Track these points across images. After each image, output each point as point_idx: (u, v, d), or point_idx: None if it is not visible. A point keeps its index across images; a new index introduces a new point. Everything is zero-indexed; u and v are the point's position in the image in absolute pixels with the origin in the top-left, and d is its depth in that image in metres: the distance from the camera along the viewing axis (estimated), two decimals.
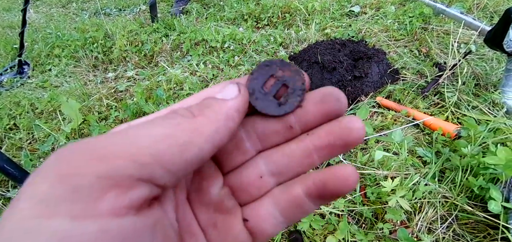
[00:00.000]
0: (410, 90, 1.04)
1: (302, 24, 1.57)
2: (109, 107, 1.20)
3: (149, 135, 0.13)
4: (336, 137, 0.17)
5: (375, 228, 0.69)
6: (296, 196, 0.17)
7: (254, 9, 1.73)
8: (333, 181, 0.16)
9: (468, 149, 0.74)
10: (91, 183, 0.10)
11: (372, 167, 0.80)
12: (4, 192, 0.94)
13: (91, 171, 0.11)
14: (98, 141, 0.12)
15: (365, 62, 1.14)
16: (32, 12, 2.41)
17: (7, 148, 1.10)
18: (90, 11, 2.33)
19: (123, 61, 1.51)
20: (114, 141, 0.12)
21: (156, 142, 0.12)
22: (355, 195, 0.75)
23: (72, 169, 0.11)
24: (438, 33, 1.30)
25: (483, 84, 1.00)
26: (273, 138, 0.18)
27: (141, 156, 0.12)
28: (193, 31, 1.58)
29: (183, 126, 0.14)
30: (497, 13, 1.36)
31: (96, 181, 0.10)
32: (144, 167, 0.12)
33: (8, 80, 1.53)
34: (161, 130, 0.13)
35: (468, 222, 0.69)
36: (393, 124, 0.94)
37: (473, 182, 0.69)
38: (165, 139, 0.13)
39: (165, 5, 2.18)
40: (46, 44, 1.71)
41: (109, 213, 0.10)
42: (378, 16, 1.51)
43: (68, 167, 0.11)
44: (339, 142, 0.17)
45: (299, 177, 0.18)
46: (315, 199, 0.17)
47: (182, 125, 0.14)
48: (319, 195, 0.17)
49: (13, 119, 1.22)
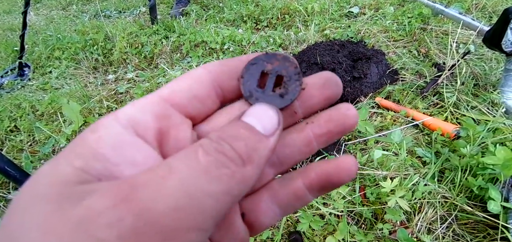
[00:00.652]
0: (409, 90, 1.04)
1: (301, 25, 1.57)
2: (109, 109, 1.20)
3: (210, 196, 0.11)
4: (335, 124, 0.17)
5: (375, 229, 0.70)
6: (297, 189, 0.17)
7: (253, 10, 1.74)
8: (337, 172, 0.16)
9: (467, 149, 0.74)
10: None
11: (372, 168, 0.80)
12: (6, 194, 0.94)
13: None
14: (158, 202, 0.10)
15: (364, 63, 1.14)
16: (32, 14, 2.42)
17: (8, 150, 1.10)
18: (90, 13, 2.34)
19: (123, 63, 1.52)
20: (179, 205, 0.10)
21: (217, 203, 0.11)
22: (355, 196, 0.75)
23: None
24: (437, 34, 1.31)
25: (482, 84, 1.01)
26: None
27: (205, 224, 0.11)
28: (193, 32, 1.58)
29: (237, 178, 0.12)
30: (495, 13, 1.36)
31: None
32: (207, 232, 0.12)
33: (9, 83, 1.53)
34: (221, 187, 0.12)
35: (468, 222, 0.69)
36: (392, 124, 0.94)
37: (473, 182, 0.70)
38: (224, 197, 0.12)
39: (165, 7, 2.19)
40: (47, 46, 1.72)
41: None
42: (377, 17, 1.52)
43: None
44: (337, 128, 0.17)
45: (299, 170, 0.18)
46: (316, 191, 0.17)
47: (236, 177, 0.12)
48: (321, 187, 0.17)
49: (14, 121, 1.23)
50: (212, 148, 0.12)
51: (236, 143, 0.13)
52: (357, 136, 0.93)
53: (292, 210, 0.18)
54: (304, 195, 0.17)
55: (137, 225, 0.09)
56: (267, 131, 0.14)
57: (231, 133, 0.13)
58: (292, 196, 0.17)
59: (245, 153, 0.13)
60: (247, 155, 0.13)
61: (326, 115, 0.18)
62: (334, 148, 0.92)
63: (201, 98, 0.16)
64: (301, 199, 0.17)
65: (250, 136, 0.13)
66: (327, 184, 0.17)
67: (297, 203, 0.17)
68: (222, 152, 0.12)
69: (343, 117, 0.17)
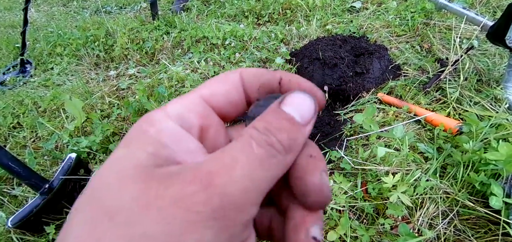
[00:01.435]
0: (411, 86, 1.04)
1: (303, 20, 1.56)
2: (111, 105, 1.21)
3: (265, 180, 0.14)
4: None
5: (376, 224, 0.70)
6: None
7: (254, 5, 1.73)
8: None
9: (470, 144, 0.74)
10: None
11: (374, 163, 0.80)
12: (10, 189, 0.95)
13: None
14: (235, 194, 0.13)
15: (367, 58, 1.13)
16: (33, 11, 2.42)
17: (11, 146, 1.11)
18: (91, 9, 2.33)
19: (125, 59, 1.52)
20: (246, 193, 0.13)
21: (268, 184, 0.14)
22: (357, 191, 0.75)
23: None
24: (440, 29, 1.29)
25: (485, 80, 1.00)
26: None
27: (259, 199, 0.14)
28: (194, 28, 1.58)
29: (282, 165, 0.14)
30: (499, 7, 1.35)
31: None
32: (258, 206, 0.14)
33: (11, 79, 1.54)
34: (271, 173, 0.14)
35: (470, 217, 0.69)
36: (394, 120, 0.94)
37: (475, 178, 0.69)
38: (272, 180, 0.14)
39: (166, 2, 2.18)
40: (48, 43, 1.72)
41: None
42: (380, 12, 1.50)
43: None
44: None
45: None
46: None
47: (281, 165, 0.14)
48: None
49: (17, 118, 1.23)
50: (263, 140, 0.14)
51: (280, 135, 0.14)
52: (359, 131, 0.92)
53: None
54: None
55: (221, 203, 0.12)
56: (304, 120, 0.15)
57: (276, 125, 0.15)
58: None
59: (287, 144, 0.14)
60: (288, 146, 0.14)
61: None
62: (336, 143, 0.92)
63: (235, 104, 0.18)
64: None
65: (291, 128, 0.15)
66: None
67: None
68: (270, 144, 0.14)
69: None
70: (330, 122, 1.03)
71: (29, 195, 0.92)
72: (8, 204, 0.91)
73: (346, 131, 0.95)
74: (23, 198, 0.93)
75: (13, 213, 0.81)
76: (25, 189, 0.94)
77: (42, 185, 0.78)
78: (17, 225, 0.75)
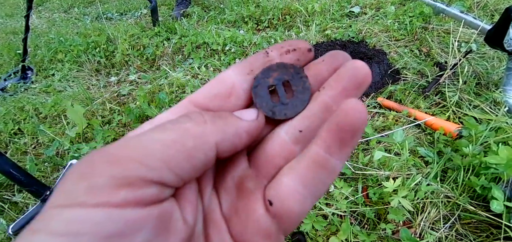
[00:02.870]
0: (411, 90, 1.04)
1: (302, 25, 1.57)
2: (112, 111, 1.21)
3: (159, 140, 0.14)
4: (347, 79, 0.17)
5: (378, 229, 0.70)
6: (315, 156, 0.15)
7: (254, 11, 1.74)
8: (345, 116, 0.15)
9: (470, 148, 0.74)
10: (106, 182, 0.12)
11: (374, 168, 0.80)
12: (10, 196, 0.95)
13: (106, 172, 0.13)
14: (114, 146, 0.14)
15: (366, 63, 1.14)
16: (34, 17, 2.44)
17: (12, 152, 1.11)
18: (91, 15, 2.35)
19: (125, 65, 1.53)
20: (129, 145, 0.14)
21: (165, 147, 0.14)
22: (358, 196, 0.75)
23: (91, 170, 0.13)
24: (439, 33, 1.30)
25: (484, 83, 1.01)
26: None
27: (151, 160, 0.13)
28: (194, 34, 1.59)
29: (192, 132, 0.14)
30: (497, 11, 1.36)
31: (111, 180, 0.12)
32: (154, 170, 0.13)
33: (12, 86, 1.55)
34: (171, 135, 0.14)
35: (471, 221, 0.69)
36: (394, 124, 0.94)
37: (475, 182, 0.70)
38: (173, 144, 0.14)
39: (166, 8, 2.20)
40: (49, 49, 1.73)
41: (117, 205, 0.12)
42: (378, 17, 1.52)
43: (88, 168, 0.13)
44: (350, 83, 0.17)
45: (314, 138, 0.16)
46: (337, 149, 0.15)
47: (191, 130, 0.14)
48: (340, 141, 0.15)
49: (18, 124, 1.24)
50: (187, 115, 0.16)
51: (206, 114, 0.16)
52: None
53: (320, 185, 0.16)
54: (325, 159, 0.15)
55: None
56: (243, 116, 0.16)
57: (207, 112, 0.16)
58: (312, 165, 0.15)
59: (209, 117, 0.15)
60: (211, 119, 0.15)
61: (335, 75, 0.17)
62: None
63: (222, 97, 0.18)
64: (324, 166, 0.15)
65: (224, 112, 0.16)
66: (344, 134, 0.15)
67: (320, 173, 0.15)
68: (186, 114, 0.16)
69: (353, 71, 0.17)
70: None
71: (30, 202, 0.92)
72: (8, 211, 0.90)
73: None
74: (24, 205, 0.93)
75: (13, 220, 0.81)
76: (26, 196, 0.94)
77: (43, 192, 0.78)
78: (18, 232, 0.75)
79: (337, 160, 0.15)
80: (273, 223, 0.16)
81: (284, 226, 0.16)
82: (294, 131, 0.17)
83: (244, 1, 1.94)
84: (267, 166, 0.17)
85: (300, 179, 0.16)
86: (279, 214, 0.16)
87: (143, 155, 0.13)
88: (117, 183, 0.12)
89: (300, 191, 0.16)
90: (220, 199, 0.17)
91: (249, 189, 0.17)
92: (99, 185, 0.12)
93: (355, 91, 0.17)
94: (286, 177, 0.16)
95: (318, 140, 0.16)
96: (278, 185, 0.16)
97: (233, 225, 0.16)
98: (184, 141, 0.14)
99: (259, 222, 0.16)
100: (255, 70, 0.18)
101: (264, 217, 0.16)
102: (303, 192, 0.16)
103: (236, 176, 0.17)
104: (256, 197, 0.16)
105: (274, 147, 0.17)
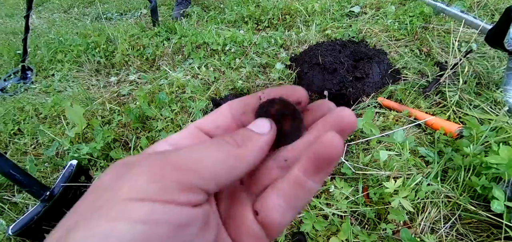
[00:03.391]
0: (411, 90, 1.04)
1: (302, 25, 1.57)
2: (112, 112, 1.21)
3: (209, 157, 0.17)
4: (332, 125, 0.20)
5: (378, 229, 0.70)
6: (295, 178, 0.19)
7: (254, 11, 1.74)
8: (322, 147, 0.18)
9: (471, 148, 0.74)
10: (174, 186, 0.16)
11: (375, 168, 0.80)
12: (10, 196, 0.95)
13: (174, 178, 0.16)
14: (173, 156, 0.17)
15: (366, 63, 1.14)
16: (34, 18, 2.43)
17: (12, 153, 1.11)
18: (91, 16, 2.35)
19: (125, 65, 1.53)
20: (186, 157, 0.17)
21: (214, 164, 0.17)
22: (358, 196, 0.75)
23: (161, 174, 0.16)
24: (439, 32, 1.30)
25: (485, 83, 1.00)
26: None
27: (205, 173, 0.17)
28: (194, 34, 1.59)
29: (232, 154, 0.18)
30: (497, 10, 1.36)
31: (177, 185, 0.16)
32: (205, 180, 0.17)
33: (12, 86, 1.55)
34: (217, 155, 0.18)
35: (471, 221, 0.69)
36: (395, 124, 0.94)
37: (476, 182, 0.69)
38: (220, 163, 0.17)
39: (166, 8, 2.20)
40: (49, 49, 1.73)
41: (182, 203, 0.16)
42: (379, 16, 1.51)
43: (158, 172, 0.16)
44: (335, 128, 0.19)
45: (297, 162, 0.20)
46: (314, 174, 0.18)
47: (231, 153, 0.18)
48: (316, 168, 0.18)
49: (18, 124, 1.24)
50: (222, 138, 0.19)
51: (235, 135, 0.19)
52: (360, 136, 0.93)
53: (299, 202, 0.19)
54: (303, 181, 0.19)
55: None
56: (259, 130, 0.20)
57: (234, 133, 0.20)
58: (293, 185, 0.19)
59: (240, 140, 0.19)
60: (242, 142, 0.19)
61: (322, 120, 0.20)
62: None
63: (224, 128, 0.22)
64: (302, 186, 0.19)
65: (248, 132, 0.20)
66: (320, 162, 0.18)
67: (299, 192, 0.19)
68: (223, 139, 0.19)
69: (339, 119, 0.20)
70: None
71: (30, 202, 0.92)
72: (8, 211, 0.90)
73: (347, 136, 0.95)
74: (24, 205, 0.92)
75: (13, 221, 0.81)
76: (26, 196, 0.94)
77: (43, 192, 0.78)
78: (18, 232, 0.75)
79: (314, 182, 0.19)
80: (261, 229, 0.19)
81: (268, 233, 0.19)
82: (280, 160, 0.21)
83: (244, 1, 1.94)
84: (255, 185, 0.21)
85: (282, 196, 0.19)
86: (265, 223, 0.19)
87: (200, 168, 0.17)
88: (182, 187, 0.16)
89: (282, 205, 0.19)
90: (218, 205, 0.21)
91: (241, 198, 0.20)
92: (169, 187, 0.15)
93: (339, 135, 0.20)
94: (271, 193, 0.20)
95: (299, 164, 0.19)
96: (264, 199, 0.20)
97: (229, 228, 0.20)
98: (228, 161, 0.18)
99: (250, 227, 0.19)
100: (247, 113, 0.22)
101: (254, 223, 0.19)
102: (284, 206, 0.19)
103: (230, 186, 0.21)
104: (247, 206, 0.20)
105: (262, 171, 0.21)
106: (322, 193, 0.79)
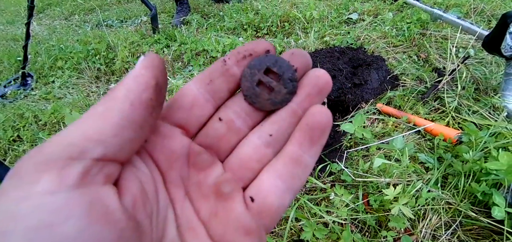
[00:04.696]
0: (410, 96, 1.05)
1: (301, 32, 1.59)
2: None
3: (78, 120, 0.14)
4: (311, 87, 0.19)
5: (379, 236, 0.69)
6: (291, 153, 0.18)
7: (253, 18, 1.76)
8: (313, 117, 0.18)
9: (470, 154, 0.74)
10: (29, 170, 0.13)
11: (374, 175, 0.80)
12: None
13: (29, 162, 0.13)
14: (45, 142, 0.14)
15: (365, 70, 1.15)
16: (35, 24, 2.45)
17: (11, 160, 1.11)
18: (92, 23, 2.37)
19: (125, 72, 1.53)
20: (52, 137, 0.14)
21: (81, 122, 0.14)
22: (358, 203, 0.75)
23: (20, 166, 0.13)
24: (436, 39, 1.31)
25: (483, 88, 1.01)
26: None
27: (68, 138, 0.14)
28: (194, 41, 1.60)
29: (103, 99, 0.15)
30: (494, 16, 1.37)
31: (32, 167, 0.13)
32: (72, 146, 0.13)
33: (12, 92, 1.55)
34: (86, 113, 0.15)
35: (473, 228, 0.69)
36: (394, 130, 0.94)
37: (476, 188, 0.69)
38: (88, 116, 0.14)
39: (166, 16, 2.22)
40: (49, 56, 1.74)
41: (43, 192, 0.12)
42: (376, 23, 1.53)
43: (18, 166, 0.13)
44: (314, 90, 0.19)
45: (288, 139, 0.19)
46: (308, 146, 0.18)
47: (103, 99, 0.15)
48: (310, 139, 0.18)
49: (17, 131, 1.23)
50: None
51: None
52: (359, 143, 0.93)
53: (296, 180, 0.18)
54: (299, 155, 0.18)
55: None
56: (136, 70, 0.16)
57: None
58: (288, 162, 0.18)
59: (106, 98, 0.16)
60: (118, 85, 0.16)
61: (299, 83, 0.19)
62: (336, 155, 0.92)
63: (185, 109, 0.19)
64: (298, 162, 0.18)
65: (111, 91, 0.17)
66: (314, 133, 0.18)
67: (296, 168, 0.18)
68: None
69: (315, 79, 0.19)
70: (330, 133, 1.04)
71: None
72: None
73: (346, 142, 0.95)
74: None
75: None
76: None
77: None
78: None
79: (309, 156, 0.18)
80: (253, 220, 0.17)
81: (264, 222, 0.18)
82: (265, 135, 0.19)
83: (243, 8, 1.96)
84: (242, 168, 0.19)
85: (279, 175, 0.18)
86: (260, 210, 0.18)
87: (61, 137, 0.13)
88: (39, 169, 0.12)
89: (279, 186, 0.18)
90: (197, 206, 0.19)
91: (226, 192, 0.18)
92: (24, 176, 0.12)
93: (318, 97, 0.19)
94: (266, 174, 0.18)
95: (293, 139, 0.18)
96: (258, 183, 0.18)
97: (213, 227, 0.18)
98: (96, 108, 0.15)
99: (239, 220, 0.17)
100: (214, 80, 0.19)
101: (244, 215, 0.17)
102: (282, 186, 0.18)
103: (212, 183, 0.19)
104: (235, 198, 0.18)
105: (248, 151, 0.19)
106: (322, 201, 0.79)
